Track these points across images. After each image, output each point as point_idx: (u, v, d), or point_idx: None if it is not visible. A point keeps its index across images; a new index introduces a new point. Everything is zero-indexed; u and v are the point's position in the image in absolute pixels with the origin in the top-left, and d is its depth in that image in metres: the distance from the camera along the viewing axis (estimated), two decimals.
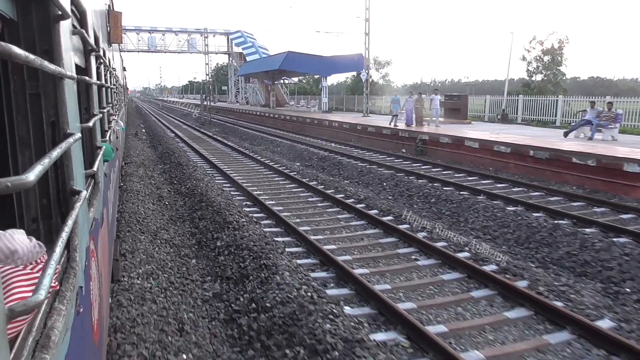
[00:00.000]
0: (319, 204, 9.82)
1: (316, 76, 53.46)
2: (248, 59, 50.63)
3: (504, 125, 20.67)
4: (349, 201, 9.71)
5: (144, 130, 28.59)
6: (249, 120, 37.45)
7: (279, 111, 36.01)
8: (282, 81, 48.01)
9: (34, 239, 1.15)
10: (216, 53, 59.77)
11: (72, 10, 1.76)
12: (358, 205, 9.33)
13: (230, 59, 60.50)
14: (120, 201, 9.14)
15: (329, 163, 15.29)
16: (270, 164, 14.78)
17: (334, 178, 12.99)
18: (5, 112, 1.47)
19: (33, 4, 1.41)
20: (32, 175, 0.84)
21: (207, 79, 38.07)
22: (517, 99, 22.49)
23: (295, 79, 53.79)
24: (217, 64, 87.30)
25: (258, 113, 37.23)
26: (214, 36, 58.16)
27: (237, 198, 10.17)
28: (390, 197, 10.86)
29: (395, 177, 12.14)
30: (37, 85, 1.45)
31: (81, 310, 1.43)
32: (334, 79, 49.38)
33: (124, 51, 43.81)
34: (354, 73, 41.75)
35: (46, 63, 1.06)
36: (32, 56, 0.92)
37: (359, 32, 29.11)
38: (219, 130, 29.99)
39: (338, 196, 10.09)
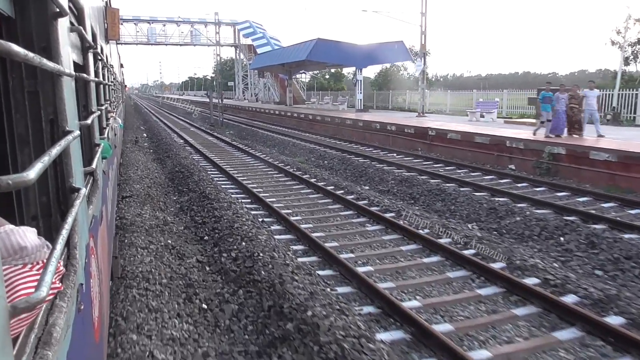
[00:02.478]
0: (502, 307, 4.92)
1: (332, 70, 48.49)
2: (259, 51, 45.67)
3: (628, 129, 15.66)
4: (569, 301, 4.85)
5: (145, 135, 23.64)
6: (264, 120, 32.42)
7: (300, 110, 31.05)
8: (297, 76, 42.96)
9: (43, 239, 1.14)
10: (222, 45, 54.79)
11: (69, 8, 1.73)
12: (615, 322, 4.45)
13: (238, 51, 55.39)
14: (113, 306, 4.41)
15: (420, 189, 10.40)
16: (338, 192, 9.87)
17: (452, 222, 8.13)
18: (4, 110, 1.45)
19: (31, 2, 1.38)
20: (33, 173, 0.83)
21: (217, 72, 32.54)
22: (638, 93, 17.49)
23: (309, 73, 48.60)
24: (220, 58, 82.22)
25: (276, 112, 32.19)
26: (219, 27, 53.16)
27: (341, 291, 5.27)
28: (612, 281, 5.94)
29: (575, 226, 7.26)
30: (36, 83, 1.43)
31: (82, 307, 1.41)
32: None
33: (121, 43, 39.02)
34: (383, 65, 36.67)
35: (45, 61, 1.05)
36: (31, 54, 0.90)
37: (414, 12, 24.11)
38: (235, 133, 25.05)
39: (528, 282, 5.23)
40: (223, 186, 10.87)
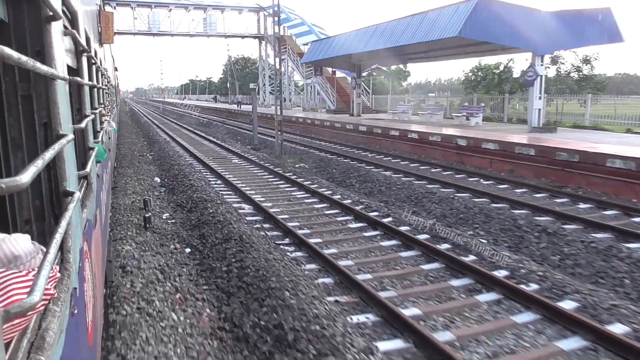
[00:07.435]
0: None
1: (393, 66, 37.23)
2: (299, 41, 34.56)
3: None
4: None
5: (158, 182, 12.19)
6: (336, 139, 20.54)
7: (394, 124, 19.74)
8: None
9: (36, 244, 1.12)
10: (242, 37, 43.67)
11: (63, 11, 1.72)
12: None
13: (264, 44, 43.93)
14: None
15: None
16: None
17: None
18: None
19: (24, 5, 1.37)
20: (27, 177, 0.82)
21: (275, 68, 19.06)
22: None
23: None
24: (230, 57, 70.98)
25: (359, 127, 20.09)
26: (240, 13, 42.08)
27: None
28: None
29: None
30: (29, 87, 1.41)
31: (75, 311, 1.39)
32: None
33: (117, 33, 27.59)
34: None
35: (39, 64, 1.04)
36: (24, 58, 0.90)
37: None
38: (316, 170, 13.68)
39: None
40: None
